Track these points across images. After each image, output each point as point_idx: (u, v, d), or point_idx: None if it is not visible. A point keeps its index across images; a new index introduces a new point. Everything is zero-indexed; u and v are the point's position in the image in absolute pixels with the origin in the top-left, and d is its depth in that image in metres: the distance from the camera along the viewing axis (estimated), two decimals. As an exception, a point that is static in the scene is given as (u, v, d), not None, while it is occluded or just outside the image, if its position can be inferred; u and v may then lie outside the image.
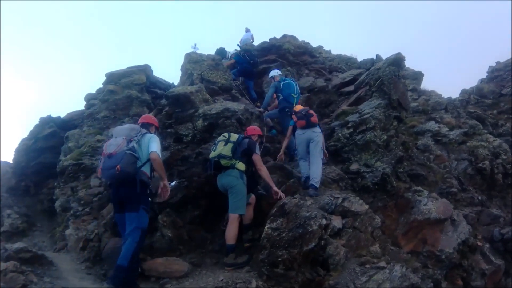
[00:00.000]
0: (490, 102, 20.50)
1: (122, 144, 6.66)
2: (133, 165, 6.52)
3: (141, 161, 6.71)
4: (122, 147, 6.61)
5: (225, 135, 8.31)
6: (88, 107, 16.57)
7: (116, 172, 6.33)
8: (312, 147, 9.23)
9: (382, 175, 9.76)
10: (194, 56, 15.48)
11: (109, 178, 6.72)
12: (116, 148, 6.61)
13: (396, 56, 12.53)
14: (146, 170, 6.76)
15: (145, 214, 6.65)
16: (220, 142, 8.10)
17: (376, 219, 8.37)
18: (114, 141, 6.84)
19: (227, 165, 7.78)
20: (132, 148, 6.64)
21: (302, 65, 19.12)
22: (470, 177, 12.64)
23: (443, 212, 9.25)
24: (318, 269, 6.96)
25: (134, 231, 6.42)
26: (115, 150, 6.57)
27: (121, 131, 7.10)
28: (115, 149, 6.59)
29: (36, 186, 14.78)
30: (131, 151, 6.58)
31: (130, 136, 6.87)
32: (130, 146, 6.66)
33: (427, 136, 13.71)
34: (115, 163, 6.37)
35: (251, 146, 8.12)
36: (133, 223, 6.46)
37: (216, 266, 7.66)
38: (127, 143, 6.71)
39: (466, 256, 9.26)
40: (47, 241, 11.81)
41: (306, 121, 9.41)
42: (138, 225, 6.46)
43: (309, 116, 9.50)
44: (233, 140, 8.05)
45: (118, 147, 6.61)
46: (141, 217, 6.54)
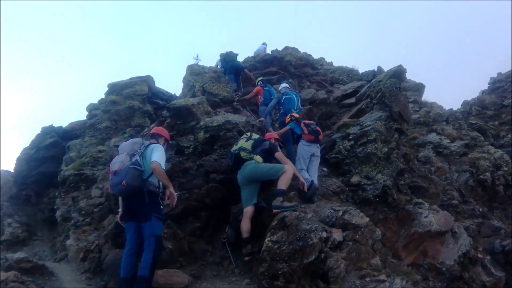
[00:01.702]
0: (491, 114, 20.51)
1: (125, 160, 6.80)
2: (138, 178, 6.60)
3: (146, 173, 6.77)
4: (125, 163, 6.74)
5: (247, 134, 8.91)
6: (90, 117, 16.66)
7: (123, 187, 6.48)
8: (315, 160, 9.57)
9: (383, 187, 9.75)
10: (196, 68, 15.52)
11: (118, 193, 6.86)
12: (120, 164, 6.76)
13: (398, 68, 12.55)
14: (153, 180, 6.82)
15: (158, 221, 6.74)
16: (242, 138, 8.71)
17: (376, 231, 8.34)
18: (118, 158, 7.00)
19: (246, 158, 8.31)
20: (135, 162, 6.71)
21: (304, 77, 19.20)
22: (471, 189, 12.65)
23: (444, 224, 9.26)
24: (318, 282, 6.92)
25: (149, 240, 6.54)
26: (119, 167, 6.72)
27: (124, 147, 7.24)
28: (119, 166, 6.74)
29: (37, 196, 14.82)
30: (134, 165, 6.67)
31: (133, 151, 6.99)
32: (133, 160, 6.74)
33: (428, 148, 13.72)
34: (120, 179, 6.53)
35: (272, 146, 8.63)
36: (147, 232, 6.58)
37: (216, 278, 7.66)
38: (130, 158, 6.83)
39: (466, 268, 9.27)
40: (47, 250, 11.83)
41: (315, 138, 9.73)
42: (152, 233, 6.56)
43: (318, 133, 9.84)
44: (255, 138, 8.64)
45: (122, 163, 6.76)
46: (154, 225, 6.64)
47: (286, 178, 7.90)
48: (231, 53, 17.09)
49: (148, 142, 7.26)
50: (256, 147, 8.49)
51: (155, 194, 6.80)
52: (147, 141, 7.34)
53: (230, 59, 16.73)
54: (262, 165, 8.20)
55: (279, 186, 7.79)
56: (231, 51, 17.25)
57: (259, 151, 8.44)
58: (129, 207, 6.89)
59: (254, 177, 8.21)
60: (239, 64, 17.13)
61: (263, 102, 13.86)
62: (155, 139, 7.64)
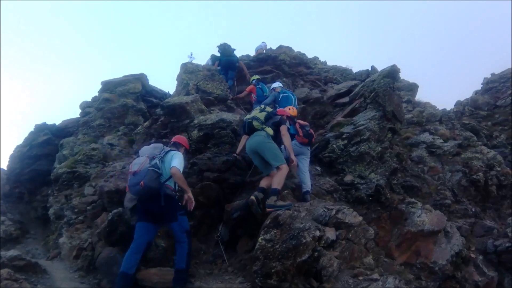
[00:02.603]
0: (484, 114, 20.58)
1: (145, 162, 7.15)
2: (155, 180, 6.94)
3: (164, 177, 7.14)
4: (145, 165, 7.09)
5: (261, 106, 9.12)
6: (84, 115, 16.60)
7: (140, 188, 6.81)
8: (304, 160, 9.55)
9: (376, 186, 9.77)
10: (190, 66, 15.51)
11: (136, 194, 7.11)
12: (140, 166, 7.10)
13: (391, 68, 12.54)
14: (170, 184, 7.17)
15: (184, 217, 7.20)
16: (256, 109, 8.92)
17: (369, 230, 8.37)
18: (138, 160, 7.35)
19: (258, 127, 8.47)
20: (154, 164, 7.09)
21: (298, 76, 19.21)
22: (464, 189, 12.68)
23: (436, 224, 9.27)
24: (311, 280, 6.94)
25: (181, 236, 7.02)
26: (139, 168, 7.06)
27: (145, 150, 7.63)
28: (138, 167, 7.08)
29: (30, 193, 14.75)
30: (153, 167, 7.03)
31: (153, 154, 7.38)
32: (152, 163, 7.13)
33: (421, 148, 13.75)
34: (139, 180, 6.87)
35: (282, 119, 8.72)
36: (178, 230, 7.04)
37: (209, 276, 7.66)
38: (149, 161, 7.19)
39: (459, 268, 9.28)
40: (40, 248, 11.77)
41: (309, 141, 9.77)
42: (182, 230, 7.06)
43: (311, 137, 9.91)
44: (268, 111, 8.85)
45: (141, 165, 7.10)
46: (182, 222, 7.12)
47: (280, 176, 7.94)
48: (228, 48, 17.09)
49: (168, 148, 7.68)
50: (268, 119, 8.66)
51: (172, 197, 7.17)
52: (167, 148, 7.74)
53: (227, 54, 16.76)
54: (270, 143, 8.29)
55: (273, 186, 7.84)
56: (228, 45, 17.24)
57: (271, 123, 8.59)
58: (146, 209, 7.15)
59: (258, 149, 8.33)
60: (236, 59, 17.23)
61: (257, 100, 14.10)
62: (176, 147, 8.06)
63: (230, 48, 17.17)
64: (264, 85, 14.77)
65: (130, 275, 6.79)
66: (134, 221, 8.23)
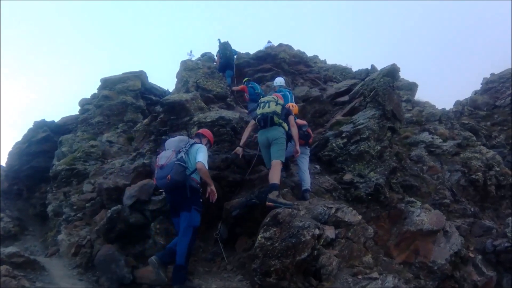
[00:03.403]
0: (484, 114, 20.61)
1: (171, 156, 7.28)
2: (182, 174, 7.09)
3: (190, 169, 7.29)
4: (171, 159, 7.22)
5: (273, 97, 9.12)
6: (83, 112, 16.61)
7: (167, 181, 6.99)
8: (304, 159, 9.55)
9: (376, 185, 9.76)
10: (190, 63, 15.55)
11: (163, 186, 7.32)
12: (166, 160, 7.24)
13: (391, 67, 12.53)
14: (195, 177, 7.35)
15: (197, 213, 7.22)
16: (271, 102, 8.89)
17: (369, 229, 8.35)
18: (165, 153, 7.46)
19: (277, 122, 8.63)
20: (180, 158, 7.23)
21: (297, 74, 19.26)
22: (463, 189, 12.69)
23: (435, 223, 9.28)
24: (310, 279, 6.93)
25: (186, 229, 7.02)
26: (166, 162, 7.21)
27: (171, 143, 7.73)
28: (165, 161, 7.23)
29: (29, 190, 14.76)
30: (180, 161, 7.18)
31: (179, 148, 7.50)
32: (178, 157, 7.27)
33: (420, 147, 13.75)
34: (166, 173, 7.05)
35: (290, 110, 9.15)
36: (185, 222, 7.06)
37: (208, 274, 7.64)
38: (176, 155, 7.32)
39: (458, 267, 9.31)
40: (39, 245, 11.77)
41: (305, 142, 9.77)
42: (190, 224, 7.04)
43: (309, 137, 9.94)
44: (281, 103, 9.01)
45: (168, 159, 7.24)
46: (193, 216, 7.12)
47: (275, 171, 8.19)
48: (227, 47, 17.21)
49: (193, 141, 7.83)
50: (282, 112, 8.84)
51: (196, 190, 7.34)
52: (192, 140, 7.88)
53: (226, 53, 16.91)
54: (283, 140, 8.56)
55: (272, 180, 8.01)
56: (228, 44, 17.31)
57: (284, 115, 8.82)
58: (173, 202, 7.38)
59: (271, 141, 8.52)
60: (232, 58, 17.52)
61: (250, 99, 14.29)
62: (199, 138, 8.25)
63: (229, 47, 17.26)
64: (255, 83, 14.89)
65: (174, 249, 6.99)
66: (133, 218, 8.30)
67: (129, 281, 7.44)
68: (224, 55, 16.97)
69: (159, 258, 6.84)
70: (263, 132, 8.71)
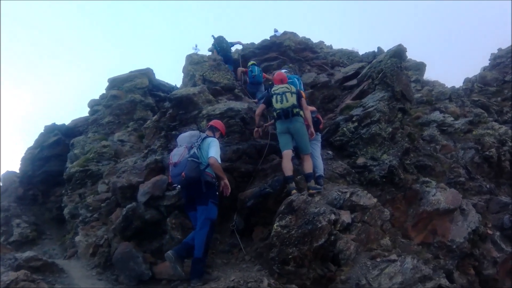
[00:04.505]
0: (493, 90, 20.39)
1: (184, 153, 7.31)
2: (196, 170, 7.11)
3: (203, 165, 7.29)
4: (184, 155, 7.26)
5: (288, 87, 9.01)
6: (92, 113, 16.65)
7: (182, 178, 7.01)
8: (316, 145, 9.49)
9: (389, 167, 9.72)
10: (196, 57, 15.48)
11: (178, 183, 7.37)
12: (179, 157, 7.28)
13: (398, 47, 12.44)
14: (209, 172, 7.33)
15: (214, 206, 7.20)
16: (287, 93, 8.80)
17: (385, 212, 8.34)
18: (177, 150, 7.53)
19: (297, 112, 8.65)
20: (193, 154, 7.27)
21: (304, 61, 19.14)
22: (477, 166, 12.57)
23: (452, 202, 9.22)
24: (329, 264, 6.94)
25: (204, 222, 6.99)
26: (179, 159, 7.25)
27: (183, 139, 7.80)
28: (178, 158, 7.27)
29: (44, 195, 14.84)
30: (193, 157, 7.21)
31: (191, 143, 7.54)
32: (191, 153, 7.30)
33: (432, 127, 13.63)
34: (180, 171, 7.07)
35: (301, 93, 9.15)
36: (202, 215, 7.04)
37: (227, 266, 7.66)
38: (188, 151, 7.35)
39: (477, 245, 9.26)
40: (57, 248, 11.84)
41: (315, 128, 9.59)
42: (207, 216, 7.03)
43: (319, 123, 9.88)
44: (294, 91, 8.91)
45: (181, 156, 7.28)
46: (210, 210, 7.11)
47: (309, 162, 8.49)
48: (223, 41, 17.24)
49: (204, 135, 7.84)
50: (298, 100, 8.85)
51: (212, 184, 7.32)
52: (203, 134, 7.92)
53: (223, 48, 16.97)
54: (305, 131, 8.66)
55: (309, 171, 8.34)
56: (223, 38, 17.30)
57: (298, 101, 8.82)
58: (189, 197, 7.36)
59: (296, 133, 8.61)
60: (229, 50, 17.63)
61: (249, 82, 14.90)
62: (211, 131, 8.19)
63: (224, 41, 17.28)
64: (254, 66, 15.19)
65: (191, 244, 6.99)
66: (148, 215, 8.32)
67: (148, 277, 7.48)
68: (221, 48, 16.94)
69: (176, 253, 6.85)
70: (284, 123, 8.71)
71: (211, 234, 7.13)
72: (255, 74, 14.76)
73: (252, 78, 14.77)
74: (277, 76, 9.73)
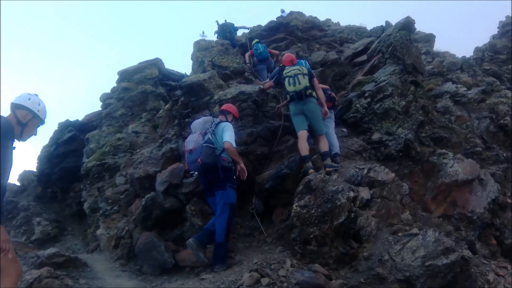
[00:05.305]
0: (504, 58, 20.14)
1: (198, 139, 7.32)
2: (211, 156, 7.13)
3: (219, 149, 7.28)
4: (199, 142, 7.27)
5: (299, 68, 9.02)
6: (105, 107, 16.68)
7: (199, 165, 7.07)
8: (330, 124, 9.55)
9: (405, 141, 9.65)
10: (203, 43, 15.50)
11: (195, 170, 7.45)
12: (194, 143, 7.29)
13: (406, 20, 12.32)
14: (225, 156, 7.34)
15: (232, 190, 7.24)
16: (299, 76, 8.81)
17: (403, 186, 8.31)
18: (191, 137, 7.56)
19: (310, 94, 8.71)
20: (208, 140, 7.24)
21: (312, 40, 19.08)
22: (493, 135, 12.47)
23: (470, 172, 9.18)
24: (351, 242, 6.95)
25: (223, 207, 7.02)
26: (194, 146, 7.27)
27: (197, 125, 7.79)
28: (193, 145, 7.28)
29: (63, 191, 14.94)
30: (208, 143, 7.20)
31: (204, 129, 7.50)
32: (206, 139, 7.28)
33: (445, 98, 13.52)
34: (196, 157, 7.11)
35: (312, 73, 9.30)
36: (221, 200, 7.08)
37: (249, 249, 7.70)
38: (202, 137, 7.34)
39: (497, 214, 9.24)
40: (79, 243, 11.94)
41: (332, 104, 9.82)
42: (226, 201, 7.07)
43: (333, 100, 10.05)
44: (306, 73, 8.89)
45: (196, 142, 7.29)
46: (228, 194, 7.15)
47: (325, 141, 8.64)
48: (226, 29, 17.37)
49: (218, 120, 7.78)
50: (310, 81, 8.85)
51: (229, 168, 7.35)
52: (216, 119, 7.86)
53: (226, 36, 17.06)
54: (319, 111, 8.79)
55: (325, 149, 8.48)
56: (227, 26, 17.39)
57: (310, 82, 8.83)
58: (207, 182, 7.45)
59: (310, 114, 8.69)
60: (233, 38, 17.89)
61: (257, 60, 15.02)
62: (224, 115, 8.14)
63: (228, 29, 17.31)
64: (258, 44, 15.29)
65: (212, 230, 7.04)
66: (168, 203, 8.36)
67: (171, 265, 7.54)
68: (224, 37, 17.00)
69: (197, 239, 6.88)
70: (297, 104, 8.75)
71: (231, 219, 7.16)
72: (260, 51, 14.85)
73: (259, 55, 14.87)
74: (286, 58, 9.70)
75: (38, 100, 5.00)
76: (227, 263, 6.81)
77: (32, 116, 4.89)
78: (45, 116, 5.09)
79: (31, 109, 4.87)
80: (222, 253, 6.84)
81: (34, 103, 4.92)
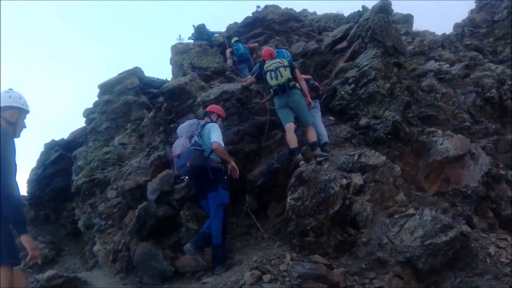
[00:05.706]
0: (484, 31, 20.22)
1: (185, 143, 7.29)
2: (200, 158, 7.04)
3: (207, 151, 7.19)
4: (186, 146, 7.24)
5: (280, 61, 8.94)
6: (89, 122, 16.64)
7: (188, 168, 7.02)
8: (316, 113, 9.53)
9: (393, 123, 9.66)
10: (181, 46, 15.44)
11: (185, 174, 7.41)
12: (182, 147, 7.27)
13: (382, 2, 12.29)
14: (214, 157, 7.25)
15: (224, 191, 7.17)
16: (280, 68, 8.72)
17: (395, 168, 8.31)
18: (178, 141, 7.52)
19: (293, 85, 8.60)
20: (195, 143, 7.19)
21: (290, 31, 19.10)
22: (480, 108, 12.46)
23: (460, 147, 9.18)
24: (348, 229, 6.93)
25: (217, 209, 6.95)
26: (181, 150, 7.24)
27: (183, 129, 7.75)
28: (181, 149, 7.26)
29: (56, 212, 14.91)
30: (195, 146, 7.15)
31: (191, 132, 7.47)
32: (192, 141, 7.23)
33: (429, 77, 13.51)
34: (184, 161, 7.07)
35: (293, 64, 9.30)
36: (214, 201, 7.02)
37: (247, 247, 7.65)
38: (189, 140, 7.31)
39: (491, 187, 9.25)
40: (78, 262, 11.91)
41: (316, 94, 9.80)
42: (219, 202, 7.00)
43: (317, 89, 10.03)
44: (287, 65, 8.81)
45: (183, 147, 7.26)
46: (221, 195, 7.07)
47: (311, 132, 8.52)
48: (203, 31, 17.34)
49: (203, 122, 7.75)
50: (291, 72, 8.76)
51: (219, 170, 7.25)
52: (202, 121, 7.82)
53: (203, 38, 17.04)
54: (304, 102, 8.69)
55: (313, 140, 8.38)
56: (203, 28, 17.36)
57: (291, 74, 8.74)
58: (199, 185, 7.39)
59: (295, 106, 8.60)
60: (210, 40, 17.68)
61: (238, 61, 14.92)
62: (208, 116, 8.14)
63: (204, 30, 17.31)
64: (238, 44, 15.25)
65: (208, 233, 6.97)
66: (161, 211, 8.29)
67: (171, 273, 7.46)
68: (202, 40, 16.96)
69: (194, 244, 6.81)
70: (281, 98, 8.68)
71: (226, 219, 7.11)
72: (241, 52, 14.79)
73: (240, 56, 14.80)
74: (265, 52, 9.71)
75: (18, 94, 5.06)
76: (227, 264, 6.75)
77: (19, 112, 4.99)
78: (28, 106, 5.15)
79: (16, 106, 4.96)
80: (221, 255, 6.78)
81: (16, 98, 5.00)
